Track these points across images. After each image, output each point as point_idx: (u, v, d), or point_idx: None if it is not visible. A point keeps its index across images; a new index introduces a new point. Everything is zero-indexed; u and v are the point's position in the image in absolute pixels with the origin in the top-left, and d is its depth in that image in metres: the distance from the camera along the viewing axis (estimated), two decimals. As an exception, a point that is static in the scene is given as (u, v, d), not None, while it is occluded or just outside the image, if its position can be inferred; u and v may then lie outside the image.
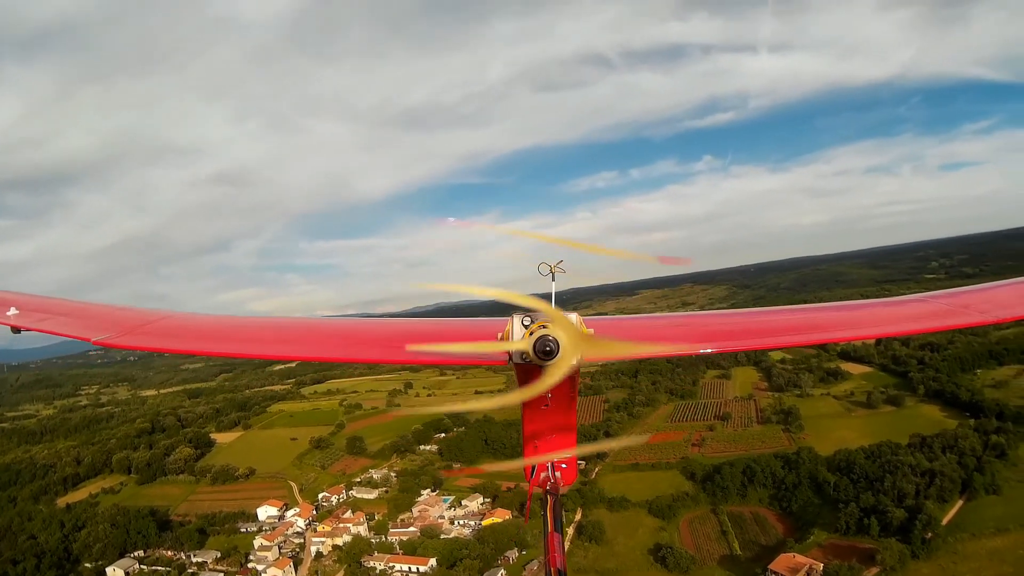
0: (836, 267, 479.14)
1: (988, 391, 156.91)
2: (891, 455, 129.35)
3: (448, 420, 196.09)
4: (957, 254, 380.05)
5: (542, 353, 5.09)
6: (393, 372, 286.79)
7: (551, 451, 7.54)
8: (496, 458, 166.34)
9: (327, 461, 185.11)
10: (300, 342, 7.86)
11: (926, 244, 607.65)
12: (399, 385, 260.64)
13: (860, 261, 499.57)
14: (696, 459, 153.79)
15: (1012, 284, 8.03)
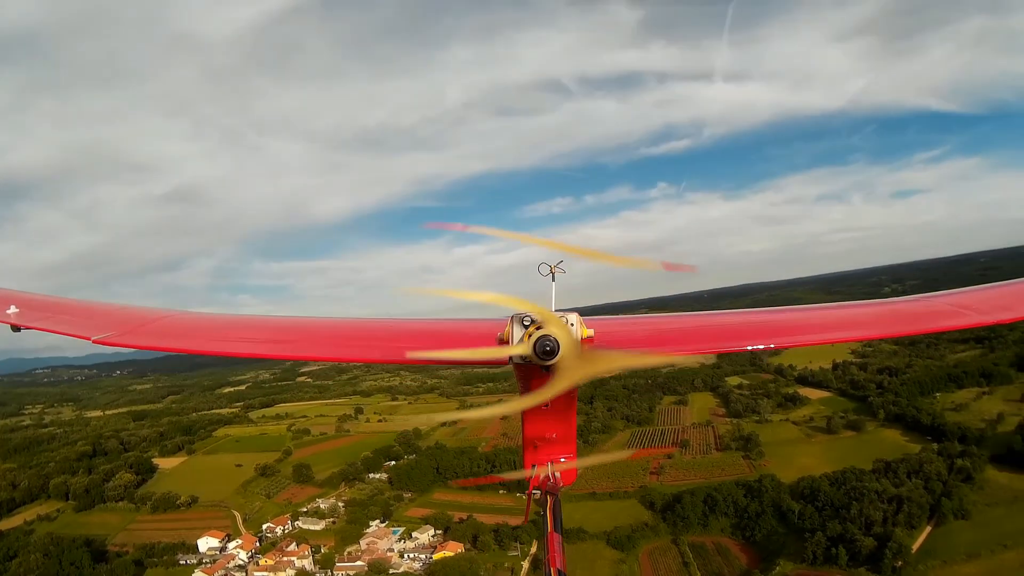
0: (789, 292, 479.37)
1: (949, 414, 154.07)
2: (856, 481, 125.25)
3: (399, 447, 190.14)
4: (910, 279, 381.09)
5: (542, 353, 5.06)
6: (344, 397, 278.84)
7: (552, 451, 7.46)
8: (447, 487, 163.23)
9: (273, 489, 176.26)
10: (300, 342, 7.75)
11: (878, 270, 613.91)
12: (349, 410, 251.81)
13: (813, 287, 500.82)
14: (655, 487, 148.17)
15: (1012, 284, 7.74)
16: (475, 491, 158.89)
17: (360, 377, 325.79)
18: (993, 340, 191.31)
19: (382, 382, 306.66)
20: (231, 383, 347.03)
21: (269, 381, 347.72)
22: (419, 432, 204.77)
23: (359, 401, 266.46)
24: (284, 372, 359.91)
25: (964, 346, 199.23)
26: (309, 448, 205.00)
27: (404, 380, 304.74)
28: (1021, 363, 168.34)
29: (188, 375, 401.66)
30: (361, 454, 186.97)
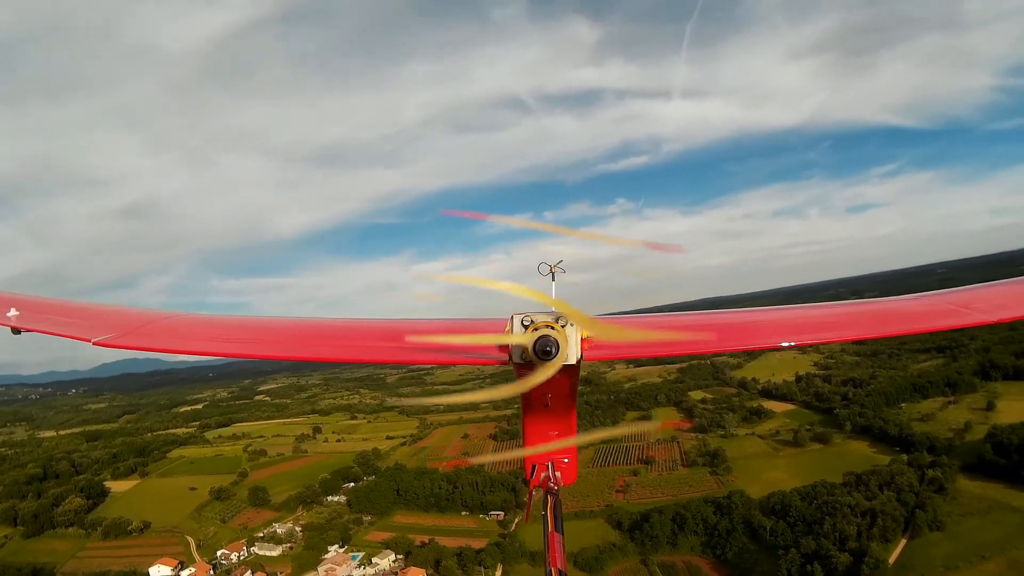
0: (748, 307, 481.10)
1: (916, 424, 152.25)
2: (827, 495, 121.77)
3: (358, 468, 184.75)
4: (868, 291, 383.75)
5: (542, 353, 5.20)
6: (302, 415, 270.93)
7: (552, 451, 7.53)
8: (408, 509, 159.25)
9: (228, 514, 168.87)
10: (300, 342, 7.44)
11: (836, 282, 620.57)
12: (307, 429, 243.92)
13: (772, 300, 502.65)
14: (621, 506, 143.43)
15: (1012, 284, 7.50)
16: (437, 513, 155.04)
17: (319, 395, 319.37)
18: (955, 349, 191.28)
19: (341, 400, 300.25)
20: (188, 402, 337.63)
21: (226, 400, 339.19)
22: (378, 453, 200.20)
23: (318, 420, 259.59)
24: (242, 390, 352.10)
25: (926, 356, 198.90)
26: (266, 470, 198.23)
27: (364, 398, 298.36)
28: (984, 372, 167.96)
29: (144, 394, 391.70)
30: (319, 476, 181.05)
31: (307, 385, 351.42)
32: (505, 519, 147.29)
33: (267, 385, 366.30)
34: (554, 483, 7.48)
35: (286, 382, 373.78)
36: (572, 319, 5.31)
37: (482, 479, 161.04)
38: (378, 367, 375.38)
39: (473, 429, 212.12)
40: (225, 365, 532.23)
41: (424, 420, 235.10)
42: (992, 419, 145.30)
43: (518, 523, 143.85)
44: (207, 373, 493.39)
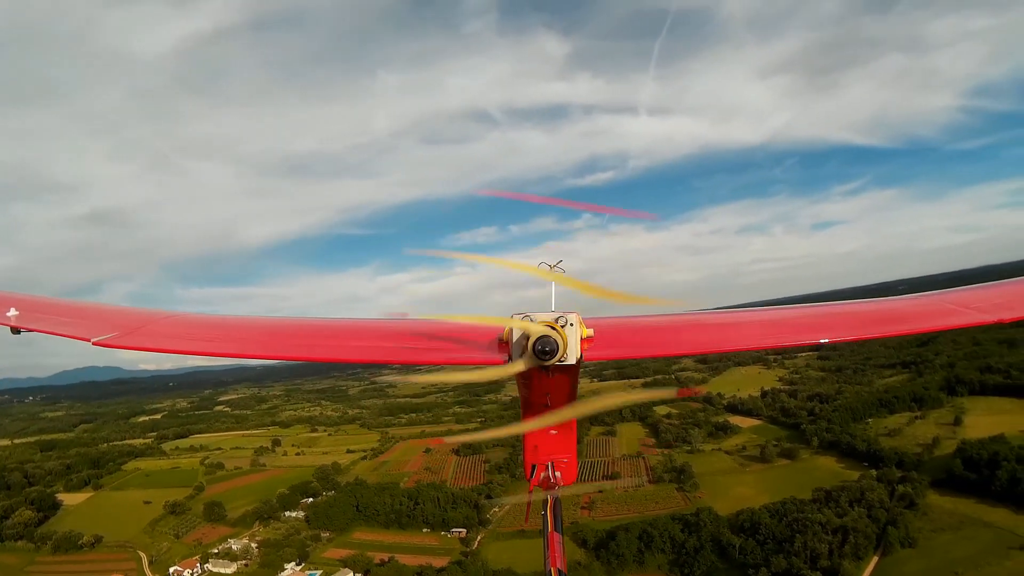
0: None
1: (884, 440, 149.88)
2: (797, 512, 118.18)
3: (317, 483, 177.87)
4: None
5: (542, 353, 5.23)
6: (262, 427, 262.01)
7: (552, 451, 7.61)
8: (368, 526, 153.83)
9: (182, 529, 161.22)
10: (300, 342, 7.68)
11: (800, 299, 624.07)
12: (266, 442, 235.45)
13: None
14: (587, 524, 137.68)
15: (1012, 284, 7.59)
16: (397, 530, 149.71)
17: (280, 407, 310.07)
18: (920, 365, 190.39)
19: (302, 412, 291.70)
20: (147, 411, 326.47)
21: (186, 410, 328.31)
22: (338, 467, 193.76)
23: (277, 432, 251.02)
24: (202, 400, 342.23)
25: (891, 371, 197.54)
26: (222, 484, 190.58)
27: (325, 410, 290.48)
28: (951, 387, 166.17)
29: (103, 402, 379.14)
30: (277, 490, 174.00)
31: (268, 396, 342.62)
32: (467, 536, 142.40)
33: (227, 396, 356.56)
34: (554, 483, 7.48)
35: (247, 393, 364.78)
36: None
37: (444, 495, 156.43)
38: (340, 379, 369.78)
39: (436, 443, 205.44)
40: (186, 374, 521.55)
41: (385, 434, 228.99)
42: (960, 434, 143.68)
43: (481, 541, 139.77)
44: (167, 382, 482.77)
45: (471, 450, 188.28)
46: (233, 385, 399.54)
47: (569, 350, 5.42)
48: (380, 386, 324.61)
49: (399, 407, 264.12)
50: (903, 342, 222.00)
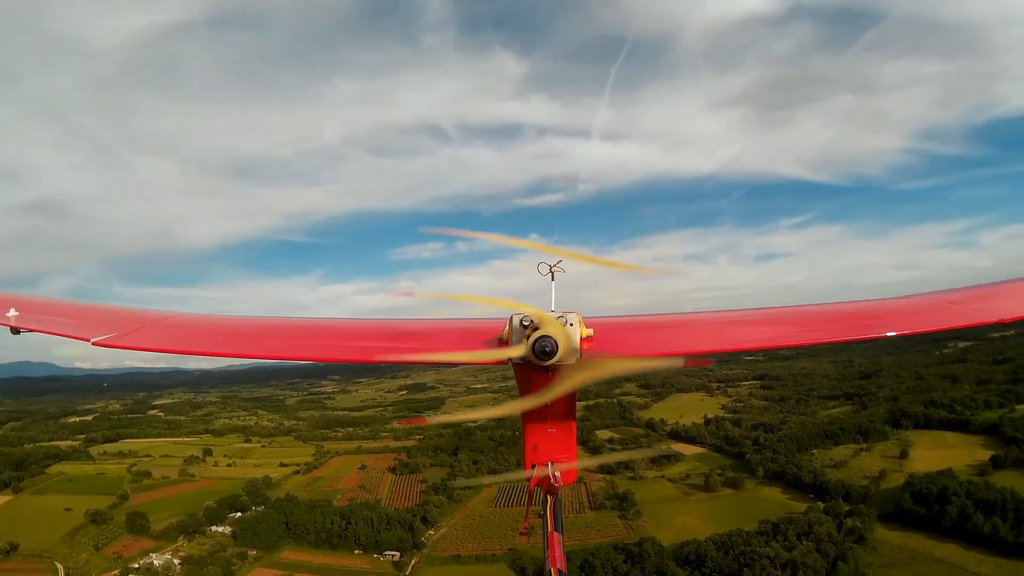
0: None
1: (830, 471, 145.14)
2: (744, 545, 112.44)
3: (246, 498, 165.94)
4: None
5: (541, 354, 5.25)
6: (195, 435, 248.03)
7: (552, 452, 7.46)
8: (298, 544, 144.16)
9: (103, 540, 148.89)
10: (301, 342, 7.81)
11: None
12: (198, 450, 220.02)
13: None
14: (525, 550, 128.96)
15: (1012, 284, 7.77)
16: (328, 550, 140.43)
17: (215, 414, 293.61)
18: (864, 397, 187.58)
19: (237, 421, 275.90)
20: (78, 412, 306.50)
21: (118, 413, 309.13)
22: (270, 481, 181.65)
23: (210, 441, 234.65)
24: (135, 403, 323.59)
25: (835, 403, 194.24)
26: (148, 493, 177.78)
27: (261, 420, 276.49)
28: (895, 420, 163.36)
29: (34, 400, 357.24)
30: (204, 503, 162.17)
31: (204, 402, 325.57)
32: (401, 560, 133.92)
33: (162, 400, 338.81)
34: (553, 483, 7.42)
35: (182, 397, 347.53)
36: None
37: (378, 516, 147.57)
38: (279, 388, 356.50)
39: (372, 460, 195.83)
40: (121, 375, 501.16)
41: (321, 448, 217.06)
42: (906, 467, 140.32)
43: (415, 565, 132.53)
44: (102, 382, 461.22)
45: (408, 469, 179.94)
46: (169, 389, 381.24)
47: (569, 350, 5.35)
48: (318, 397, 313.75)
49: (336, 420, 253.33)
50: (846, 374, 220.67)
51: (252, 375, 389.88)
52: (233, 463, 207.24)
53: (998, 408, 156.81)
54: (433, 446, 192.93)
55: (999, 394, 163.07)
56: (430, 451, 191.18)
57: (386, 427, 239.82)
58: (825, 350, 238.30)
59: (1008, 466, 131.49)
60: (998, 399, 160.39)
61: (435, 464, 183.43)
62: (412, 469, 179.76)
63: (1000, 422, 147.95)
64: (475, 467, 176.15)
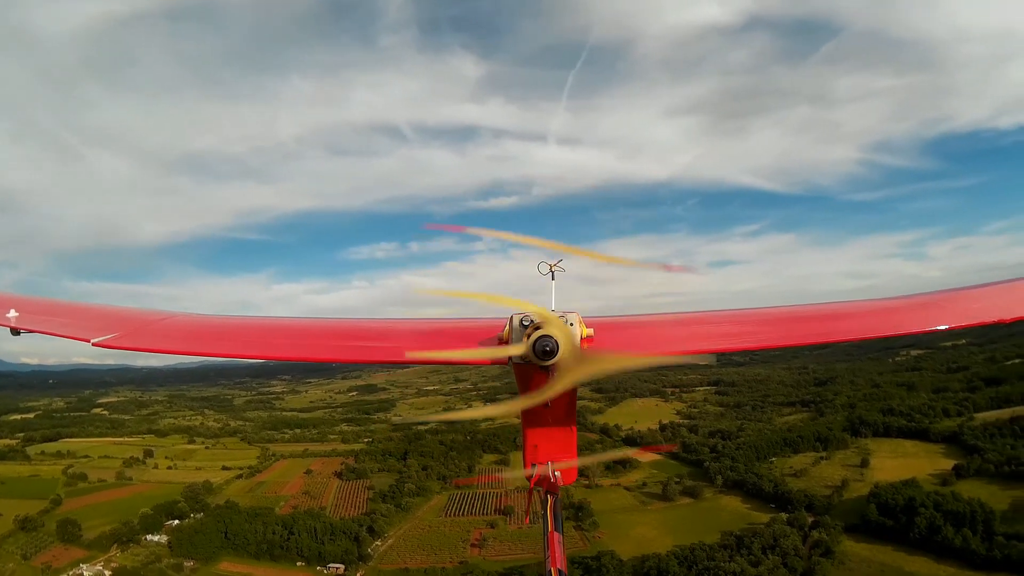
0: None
1: (791, 480, 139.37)
2: (708, 560, 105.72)
3: (185, 504, 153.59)
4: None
5: (541, 354, 5.13)
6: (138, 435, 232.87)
7: (552, 452, 7.37)
8: (238, 555, 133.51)
9: (31, 548, 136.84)
10: (301, 342, 7.58)
11: None
12: (139, 452, 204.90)
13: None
14: (477, 563, 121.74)
15: (1012, 284, 7.62)
16: (269, 562, 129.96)
17: (161, 413, 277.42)
18: (820, 404, 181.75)
19: (182, 421, 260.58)
20: (20, 409, 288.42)
21: (61, 411, 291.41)
22: (210, 486, 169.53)
23: (152, 442, 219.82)
24: (80, 401, 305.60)
25: (791, 409, 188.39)
26: (83, 497, 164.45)
27: (207, 420, 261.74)
28: (854, 428, 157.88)
29: None
30: (140, 509, 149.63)
31: (150, 401, 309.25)
32: (345, 573, 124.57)
33: (108, 398, 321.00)
34: (553, 483, 7.36)
35: (129, 396, 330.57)
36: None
37: (322, 526, 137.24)
38: (227, 388, 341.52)
39: (318, 464, 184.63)
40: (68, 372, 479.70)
41: (266, 451, 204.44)
42: (868, 476, 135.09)
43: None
44: (48, 379, 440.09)
45: (355, 474, 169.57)
46: (115, 387, 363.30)
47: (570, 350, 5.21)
48: (267, 397, 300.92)
49: (284, 421, 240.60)
50: (801, 381, 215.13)
51: (200, 373, 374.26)
52: (174, 466, 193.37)
53: (956, 416, 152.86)
54: (382, 450, 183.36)
55: (956, 402, 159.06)
56: (378, 456, 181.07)
57: (335, 428, 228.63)
58: (779, 356, 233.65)
59: (971, 475, 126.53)
60: (956, 407, 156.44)
61: (383, 469, 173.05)
62: (359, 474, 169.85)
63: (960, 430, 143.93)
64: (424, 473, 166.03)
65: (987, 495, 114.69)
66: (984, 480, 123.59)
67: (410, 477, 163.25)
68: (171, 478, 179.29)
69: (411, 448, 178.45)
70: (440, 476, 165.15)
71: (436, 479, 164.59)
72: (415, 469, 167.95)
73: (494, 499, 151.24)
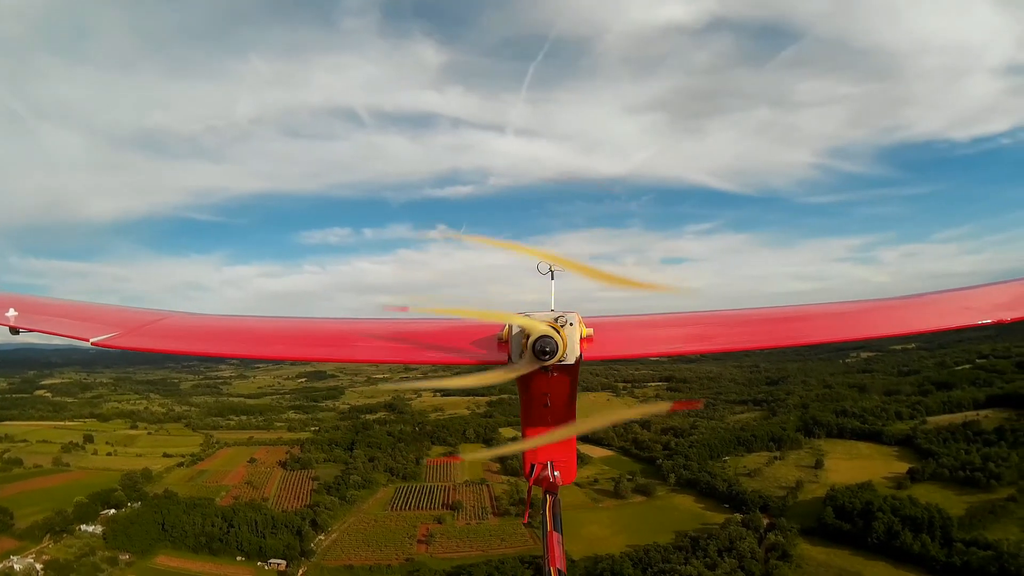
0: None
1: (745, 480, 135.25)
2: (663, 562, 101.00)
3: (122, 492, 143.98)
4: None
5: (541, 354, 5.18)
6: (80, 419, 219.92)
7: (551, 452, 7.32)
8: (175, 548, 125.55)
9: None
10: (301, 342, 7.58)
11: None
12: (79, 436, 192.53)
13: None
14: (424, 561, 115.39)
15: (1012, 284, 7.41)
16: (208, 556, 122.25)
17: (105, 396, 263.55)
18: (773, 403, 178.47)
19: (127, 404, 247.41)
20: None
21: (3, 392, 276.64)
22: (149, 474, 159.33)
23: (94, 426, 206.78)
24: (23, 382, 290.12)
25: (742, 407, 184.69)
26: (16, 484, 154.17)
27: (152, 404, 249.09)
28: (807, 428, 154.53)
29: None
30: (75, 498, 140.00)
31: (95, 383, 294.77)
32: (287, 570, 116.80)
33: (51, 379, 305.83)
34: (552, 483, 7.31)
35: (73, 378, 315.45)
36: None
37: (263, 518, 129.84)
38: (174, 371, 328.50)
39: (262, 453, 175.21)
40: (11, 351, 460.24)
41: (209, 438, 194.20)
42: (823, 477, 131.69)
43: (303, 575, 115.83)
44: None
45: (299, 464, 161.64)
46: (60, 368, 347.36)
47: (569, 350, 5.32)
48: (215, 382, 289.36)
49: (230, 407, 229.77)
50: (752, 379, 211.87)
51: (149, 355, 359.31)
52: (114, 452, 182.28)
53: (909, 419, 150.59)
54: (328, 440, 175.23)
55: (909, 405, 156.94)
56: (325, 445, 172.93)
57: (282, 416, 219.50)
58: (731, 353, 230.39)
59: (926, 479, 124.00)
60: (908, 410, 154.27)
61: (329, 460, 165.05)
62: (304, 464, 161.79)
63: (914, 434, 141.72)
64: (370, 465, 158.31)
65: (942, 499, 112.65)
66: (939, 484, 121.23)
67: (356, 468, 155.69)
68: (110, 465, 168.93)
69: (358, 438, 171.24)
70: (387, 468, 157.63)
71: (383, 471, 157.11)
72: (361, 460, 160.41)
73: (442, 493, 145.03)
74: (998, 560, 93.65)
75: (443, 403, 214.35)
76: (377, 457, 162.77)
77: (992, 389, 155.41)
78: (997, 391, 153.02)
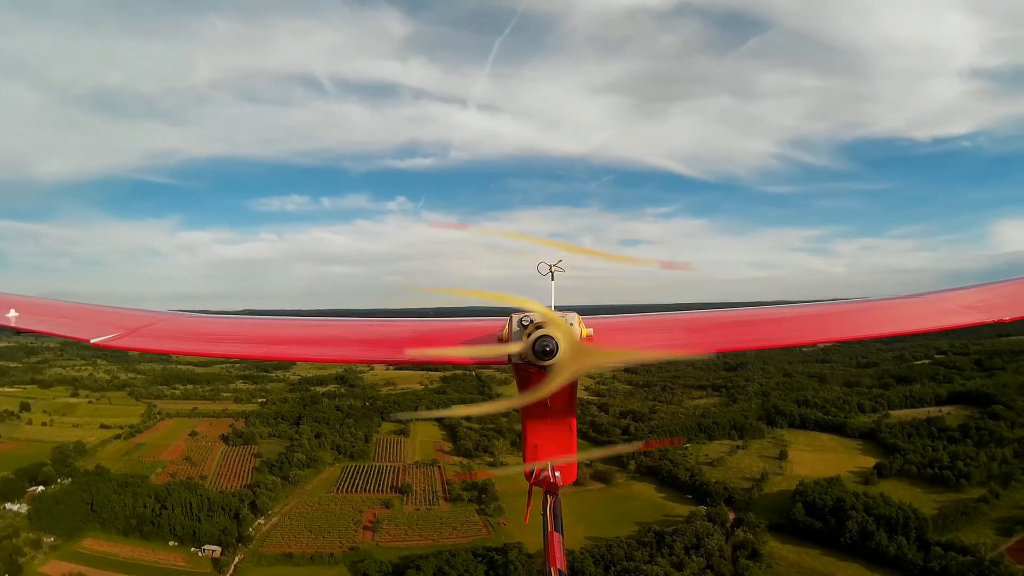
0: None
1: (707, 470, 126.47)
2: (626, 560, 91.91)
3: (51, 468, 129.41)
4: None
5: (541, 354, 5.10)
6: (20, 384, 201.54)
7: (552, 452, 7.26)
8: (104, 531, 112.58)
9: None
10: (300, 342, 7.64)
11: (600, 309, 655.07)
12: (15, 404, 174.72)
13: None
14: (370, 549, 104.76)
15: (1012, 283, 7.45)
16: (138, 540, 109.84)
17: (50, 361, 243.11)
18: (732, 390, 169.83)
19: (71, 371, 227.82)
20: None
21: None
22: (83, 447, 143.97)
23: (34, 393, 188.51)
24: None
25: (701, 393, 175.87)
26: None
27: (98, 371, 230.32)
28: (769, 417, 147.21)
29: None
30: (1, 473, 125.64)
31: (41, 347, 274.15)
32: (222, 558, 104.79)
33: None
34: (553, 483, 7.27)
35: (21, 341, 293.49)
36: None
37: (198, 500, 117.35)
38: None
39: (204, 425, 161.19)
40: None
41: (152, 408, 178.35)
42: (788, 470, 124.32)
43: (239, 564, 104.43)
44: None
45: (242, 439, 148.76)
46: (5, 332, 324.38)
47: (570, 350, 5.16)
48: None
49: (176, 375, 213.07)
50: (711, 365, 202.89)
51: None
52: (50, 422, 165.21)
53: (872, 413, 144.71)
54: (275, 413, 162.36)
55: (871, 398, 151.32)
56: (270, 419, 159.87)
57: (229, 386, 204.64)
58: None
59: (893, 475, 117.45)
60: (871, 403, 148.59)
61: (274, 435, 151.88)
62: (247, 440, 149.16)
63: (877, 428, 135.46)
64: (317, 441, 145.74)
65: (911, 497, 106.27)
66: (907, 481, 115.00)
67: (301, 445, 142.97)
68: (44, 436, 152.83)
69: (306, 412, 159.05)
70: (334, 446, 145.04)
71: (330, 448, 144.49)
72: (307, 437, 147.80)
73: (391, 474, 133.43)
74: (978, 566, 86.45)
75: (396, 376, 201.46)
76: (324, 433, 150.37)
77: (953, 386, 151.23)
78: (959, 388, 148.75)
